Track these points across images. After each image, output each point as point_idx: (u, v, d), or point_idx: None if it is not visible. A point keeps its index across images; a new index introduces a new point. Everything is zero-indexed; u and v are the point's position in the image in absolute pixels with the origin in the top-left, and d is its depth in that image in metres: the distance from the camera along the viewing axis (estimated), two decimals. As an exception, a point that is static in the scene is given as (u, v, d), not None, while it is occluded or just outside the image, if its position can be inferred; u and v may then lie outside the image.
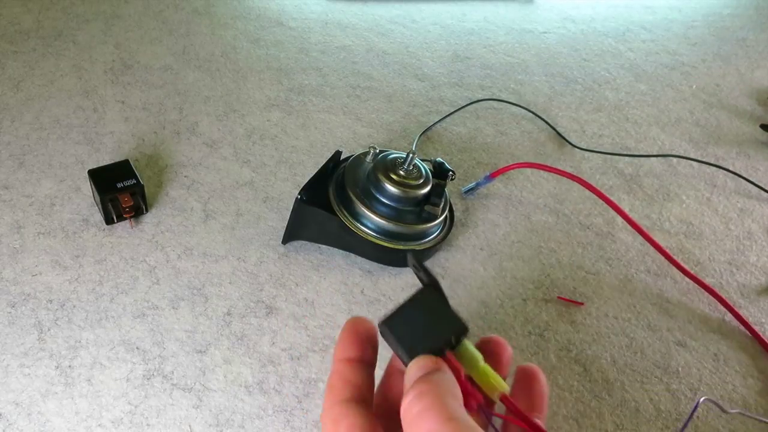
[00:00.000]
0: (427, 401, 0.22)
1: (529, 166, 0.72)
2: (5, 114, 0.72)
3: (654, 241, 0.65)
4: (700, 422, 0.54)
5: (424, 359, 0.25)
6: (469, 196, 0.71)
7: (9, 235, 0.59)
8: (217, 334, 0.54)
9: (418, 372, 0.24)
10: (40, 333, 0.52)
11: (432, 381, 0.23)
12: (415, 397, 0.23)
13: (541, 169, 0.69)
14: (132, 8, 0.94)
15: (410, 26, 1.03)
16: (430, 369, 0.24)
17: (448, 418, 0.21)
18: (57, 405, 0.48)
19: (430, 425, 0.21)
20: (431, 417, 0.22)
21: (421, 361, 0.25)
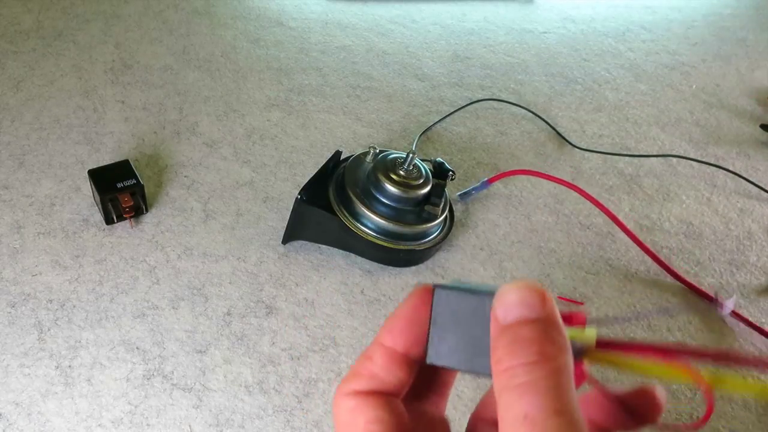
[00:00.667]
0: (539, 375, 0.17)
1: (525, 173, 0.72)
2: (5, 114, 0.72)
3: (645, 246, 0.65)
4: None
5: (533, 289, 0.19)
6: (464, 200, 0.71)
7: (9, 235, 0.59)
8: (217, 334, 0.54)
9: (525, 311, 0.18)
10: (40, 333, 0.52)
11: (554, 345, 0.18)
12: (525, 363, 0.17)
13: (538, 177, 0.69)
14: (132, 8, 0.94)
15: (410, 26, 1.03)
16: (542, 313, 0.18)
17: (558, 410, 0.17)
18: (57, 405, 0.48)
19: (529, 409, 0.17)
20: (536, 402, 0.17)
21: (529, 291, 0.19)
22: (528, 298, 0.19)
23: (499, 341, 0.19)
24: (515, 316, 0.18)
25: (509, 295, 0.19)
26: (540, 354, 0.18)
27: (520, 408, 0.17)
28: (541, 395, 0.17)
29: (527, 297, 0.19)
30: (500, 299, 0.19)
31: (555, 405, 0.17)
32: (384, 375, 0.22)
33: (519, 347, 0.18)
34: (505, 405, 0.17)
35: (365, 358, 0.22)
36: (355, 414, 0.21)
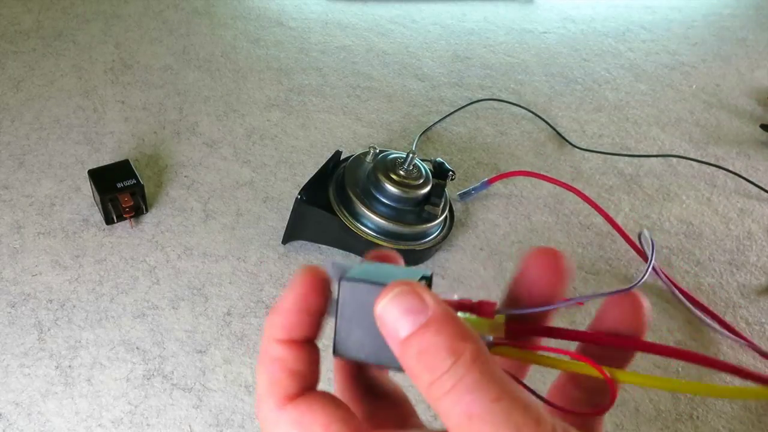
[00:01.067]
0: (461, 374, 0.17)
1: (525, 174, 0.72)
2: (5, 114, 0.72)
3: (639, 249, 0.65)
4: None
5: (407, 293, 0.18)
6: (464, 200, 0.71)
7: (9, 235, 0.59)
8: (217, 334, 0.54)
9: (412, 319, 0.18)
10: (40, 333, 0.52)
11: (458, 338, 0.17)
12: (443, 371, 0.17)
13: (537, 178, 0.69)
14: (132, 8, 0.94)
15: (410, 26, 1.03)
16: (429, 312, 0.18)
17: (496, 397, 0.16)
18: (57, 405, 0.48)
19: (470, 408, 0.16)
20: (472, 399, 0.16)
21: (404, 297, 0.18)
22: (407, 305, 0.18)
23: (406, 359, 0.18)
24: (407, 329, 0.18)
25: (389, 311, 0.18)
26: (453, 353, 0.17)
27: (461, 411, 0.16)
28: (474, 391, 0.17)
29: (406, 304, 0.18)
30: (383, 318, 0.19)
31: (490, 394, 0.16)
32: (304, 368, 0.20)
33: (429, 358, 0.17)
34: (445, 414, 0.17)
35: (272, 361, 0.20)
36: (304, 425, 0.19)
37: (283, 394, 0.20)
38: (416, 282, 0.19)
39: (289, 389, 0.20)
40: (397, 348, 0.18)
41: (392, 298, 0.18)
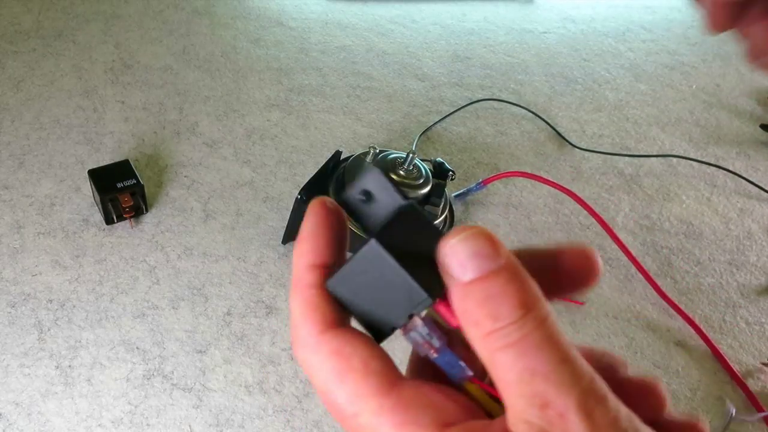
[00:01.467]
0: (531, 328, 0.16)
1: (520, 175, 0.72)
2: (5, 114, 0.72)
3: (633, 258, 0.65)
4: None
5: (481, 235, 0.17)
6: (459, 201, 0.71)
7: (9, 235, 0.59)
8: (217, 334, 0.54)
9: (484, 262, 0.17)
10: (40, 333, 0.52)
11: (530, 292, 0.16)
12: (512, 321, 0.16)
13: (532, 179, 0.69)
14: (132, 8, 0.94)
15: (410, 26, 1.03)
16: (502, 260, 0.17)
17: (563, 358, 0.16)
18: (57, 405, 0.48)
19: (535, 365, 0.16)
20: (540, 356, 0.16)
21: (477, 239, 0.17)
22: (480, 247, 0.17)
23: (467, 302, 0.17)
24: (476, 271, 0.17)
25: (458, 248, 0.17)
26: (523, 306, 0.16)
27: (524, 366, 0.16)
28: (542, 349, 0.16)
29: (478, 246, 0.17)
30: (450, 255, 0.17)
31: (558, 354, 0.16)
32: None
33: (496, 306, 0.16)
34: (504, 367, 0.16)
35: (307, 287, 0.19)
36: (344, 355, 0.18)
37: (321, 319, 0.19)
38: (487, 229, 0.17)
39: (327, 314, 0.19)
40: (457, 289, 0.17)
41: (465, 238, 0.17)
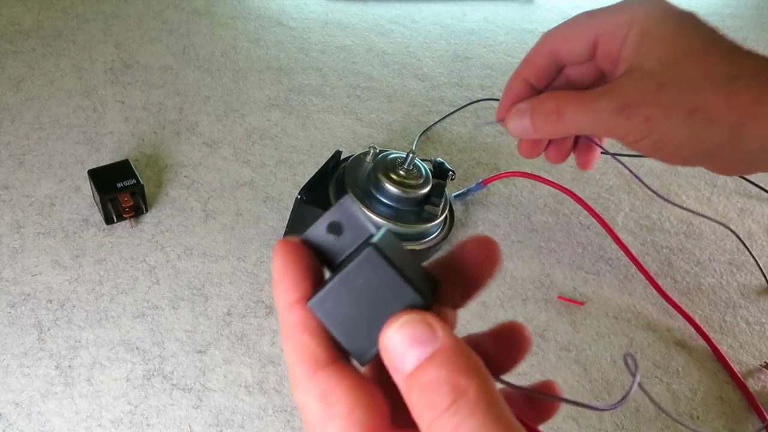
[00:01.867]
0: (464, 415, 0.16)
1: (520, 175, 0.72)
2: (5, 114, 0.72)
3: (634, 258, 0.65)
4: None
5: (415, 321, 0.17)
6: (459, 201, 0.71)
7: (9, 235, 0.59)
8: (217, 334, 0.54)
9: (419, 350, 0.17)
10: (40, 333, 0.52)
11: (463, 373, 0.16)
12: (444, 410, 0.16)
13: (532, 179, 0.69)
14: (132, 8, 0.94)
15: (410, 26, 1.03)
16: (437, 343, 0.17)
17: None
18: (57, 405, 0.48)
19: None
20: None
21: (412, 326, 0.17)
22: (414, 335, 0.17)
23: (410, 396, 0.17)
24: (412, 362, 0.17)
25: (394, 340, 0.17)
26: (454, 392, 0.16)
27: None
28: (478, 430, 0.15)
29: (413, 333, 0.17)
30: (388, 348, 0.17)
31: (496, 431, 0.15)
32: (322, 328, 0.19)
33: (432, 395, 0.16)
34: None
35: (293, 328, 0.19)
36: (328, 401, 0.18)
37: (311, 358, 0.19)
38: (427, 312, 0.18)
39: (317, 352, 0.19)
40: (402, 383, 0.17)
41: (399, 327, 0.17)
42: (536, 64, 0.40)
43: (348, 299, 0.19)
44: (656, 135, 0.33)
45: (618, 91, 0.34)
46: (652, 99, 0.33)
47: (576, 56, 0.39)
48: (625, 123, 0.33)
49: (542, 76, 0.40)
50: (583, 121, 0.35)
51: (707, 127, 0.32)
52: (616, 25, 0.36)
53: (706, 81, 0.32)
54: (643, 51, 0.34)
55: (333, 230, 0.21)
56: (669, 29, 0.34)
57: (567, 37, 0.39)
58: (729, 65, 0.32)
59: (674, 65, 0.32)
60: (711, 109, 0.32)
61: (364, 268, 0.19)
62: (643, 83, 0.33)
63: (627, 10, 0.35)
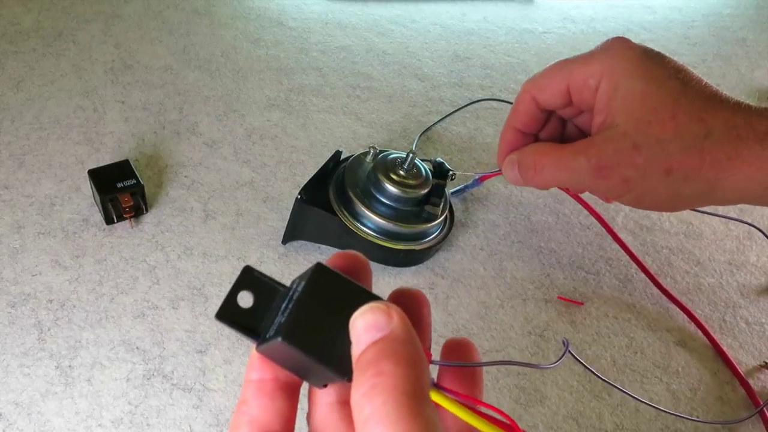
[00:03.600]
0: (379, 402, 0.16)
1: None
2: (5, 114, 0.72)
3: (635, 256, 0.65)
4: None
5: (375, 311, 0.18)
6: (457, 197, 0.71)
7: (9, 235, 0.59)
8: (217, 334, 0.54)
9: (372, 334, 0.17)
10: (40, 333, 0.52)
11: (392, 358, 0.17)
12: (364, 393, 0.16)
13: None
14: (132, 8, 0.94)
15: (410, 26, 1.03)
16: (387, 330, 0.17)
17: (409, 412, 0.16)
18: (57, 405, 0.48)
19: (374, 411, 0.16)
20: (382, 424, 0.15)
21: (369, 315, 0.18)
22: (373, 320, 0.17)
23: (355, 379, 0.17)
24: (364, 344, 0.17)
25: (356, 324, 0.18)
26: (376, 374, 0.16)
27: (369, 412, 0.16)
28: (385, 425, 0.15)
29: (372, 319, 0.17)
30: (351, 333, 0.18)
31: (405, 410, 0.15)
32: (262, 414, 0.20)
33: (360, 376, 0.16)
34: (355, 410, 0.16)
35: (240, 404, 0.21)
36: None
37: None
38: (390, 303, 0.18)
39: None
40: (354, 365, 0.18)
41: (362, 312, 0.18)
42: (521, 112, 0.42)
43: (312, 319, 0.19)
44: (635, 193, 0.35)
45: (593, 151, 0.35)
46: (627, 161, 0.33)
47: (554, 104, 0.41)
48: (602, 183, 0.35)
49: (529, 123, 0.43)
50: (560, 177, 0.37)
51: (684, 183, 0.33)
52: (586, 76, 0.37)
53: (678, 142, 0.32)
54: (616, 107, 0.35)
55: (244, 302, 0.22)
56: (638, 85, 0.34)
57: (542, 87, 0.41)
58: (699, 123, 0.32)
59: (646, 125, 0.33)
60: (686, 169, 0.33)
61: (317, 285, 0.20)
62: (618, 144, 0.34)
63: (595, 61, 0.37)
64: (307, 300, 0.20)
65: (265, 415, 0.20)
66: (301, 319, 0.19)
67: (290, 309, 0.20)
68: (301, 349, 0.19)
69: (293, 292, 0.21)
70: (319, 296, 0.20)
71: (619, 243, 0.65)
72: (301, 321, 0.19)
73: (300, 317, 0.20)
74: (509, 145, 0.43)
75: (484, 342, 0.57)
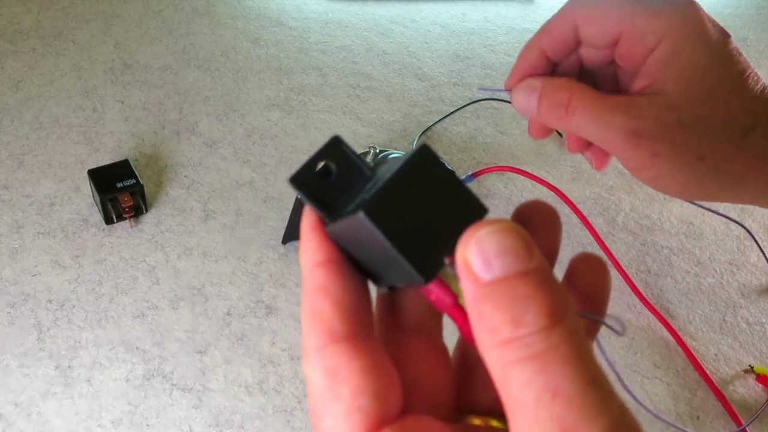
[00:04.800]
0: (558, 341, 0.14)
1: (509, 170, 0.72)
2: (5, 114, 0.72)
3: (619, 263, 0.65)
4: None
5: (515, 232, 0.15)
6: None
7: (9, 235, 0.59)
8: (217, 334, 0.54)
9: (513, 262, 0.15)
10: (39, 333, 0.52)
11: (561, 302, 0.14)
12: (537, 330, 0.14)
13: (520, 174, 0.69)
14: (132, 8, 0.94)
15: (410, 26, 1.03)
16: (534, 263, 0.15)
17: (592, 380, 0.14)
18: (57, 405, 0.48)
19: (559, 383, 0.13)
20: (565, 373, 0.13)
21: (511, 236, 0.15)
22: (511, 245, 0.15)
23: (485, 304, 0.15)
24: (502, 270, 0.15)
25: (486, 242, 0.15)
26: (552, 315, 0.14)
27: (545, 384, 0.13)
28: (569, 365, 0.13)
29: (510, 243, 0.15)
30: (474, 249, 0.15)
31: (587, 374, 0.14)
32: (346, 296, 0.18)
33: (522, 309, 0.14)
34: (519, 384, 0.14)
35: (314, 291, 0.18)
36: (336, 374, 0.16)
37: (327, 329, 0.17)
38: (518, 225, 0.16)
39: (334, 323, 0.17)
40: (474, 287, 0.15)
41: (495, 231, 0.15)
42: (554, 35, 0.36)
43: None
44: (657, 171, 0.32)
45: (635, 113, 0.31)
46: (666, 136, 0.30)
47: (594, 41, 0.35)
48: (630, 151, 0.32)
49: (559, 49, 0.36)
50: (589, 127, 0.33)
51: (712, 173, 0.31)
52: (646, 31, 0.32)
53: (723, 129, 0.30)
54: (670, 75, 0.31)
55: (325, 174, 0.19)
56: (702, 57, 0.31)
57: (591, 18, 0.34)
58: (748, 114, 0.30)
59: (699, 104, 0.30)
60: (719, 159, 0.31)
61: (417, 168, 0.17)
62: (663, 115, 0.30)
63: (660, 17, 0.31)
64: (401, 180, 0.17)
65: (349, 297, 0.18)
66: (390, 199, 0.17)
67: (379, 186, 0.17)
68: (384, 231, 0.16)
69: (380, 177, 0.18)
70: (416, 181, 0.17)
71: (602, 246, 0.65)
72: (389, 201, 0.17)
73: (389, 196, 0.17)
74: (529, 68, 0.37)
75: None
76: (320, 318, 0.17)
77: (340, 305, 0.17)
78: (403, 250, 0.16)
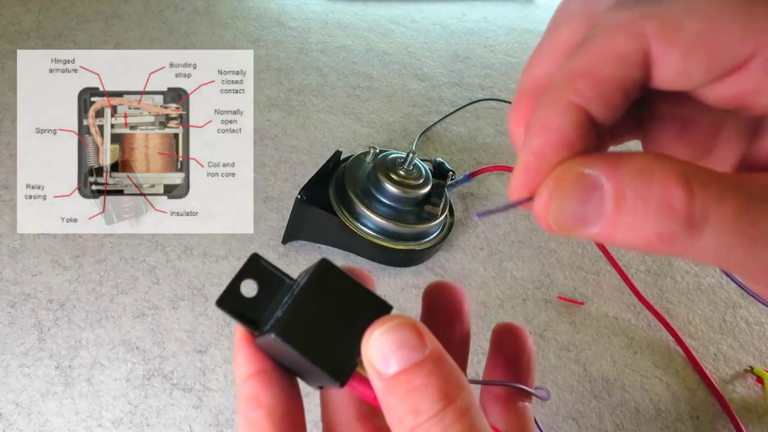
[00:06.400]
0: (449, 422, 0.16)
1: (509, 170, 0.72)
2: (5, 114, 0.72)
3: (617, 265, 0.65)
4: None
5: (407, 325, 0.17)
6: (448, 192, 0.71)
7: (9, 235, 0.59)
8: (217, 334, 0.54)
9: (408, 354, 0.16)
10: (40, 333, 0.52)
11: (453, 383, 0.16)
12: (433, 416, 0.16)
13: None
14: (132, 8, 0.94)
15: (410, 26, 1.03)
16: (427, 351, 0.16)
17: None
18: (57, 405, 0.48)
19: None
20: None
21: (403, 329, 0.16)
22: (406, 338, 0.16)
23: (389, 398, 0.16)
24: (400, 364, 0.16)
25: (382, 340, 0.16)
26: (444, 398, 0.15)
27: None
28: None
29: (405, 337, 0.16)
30: (374, 345, 0.17)
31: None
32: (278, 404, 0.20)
33: (418, 400, 0.16)
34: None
35: (247, 401, 0.20)
36: None
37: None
38: (415, 319, 0.17)
39: (268, 430, 0.19)
40: (380, 383, 0.16)
41: (390, 328, 0.17)
42: (604, 75, 0.17)
43: (311, 317, 0.19)
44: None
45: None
46: None
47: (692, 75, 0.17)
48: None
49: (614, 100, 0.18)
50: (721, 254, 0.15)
51: None
52: None
53: None
54: None
55: (255, 290, 0.22)
56: None
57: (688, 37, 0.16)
58: None
59: None
60: None
61: (320, 282, 0.19)
62: None
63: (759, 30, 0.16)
64: (308, 296, 0.19)
65: (281, 405, 0.19)
66: (300, 316, 0.19)
67: (289, 304, 0.19)
68: (296, 348, 0.18)
69: (296, 286, 0.20)
70: (321, 294, 0.19)
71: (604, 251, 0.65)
72: (299, 318, 0.19)
73: (298, 314, 0.19)
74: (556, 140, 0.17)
75: (484, 342, 0.57)
76: (254, 426, 0.19)
77: (271, 413, 0.19)
78: (317, 360, 0.18)
